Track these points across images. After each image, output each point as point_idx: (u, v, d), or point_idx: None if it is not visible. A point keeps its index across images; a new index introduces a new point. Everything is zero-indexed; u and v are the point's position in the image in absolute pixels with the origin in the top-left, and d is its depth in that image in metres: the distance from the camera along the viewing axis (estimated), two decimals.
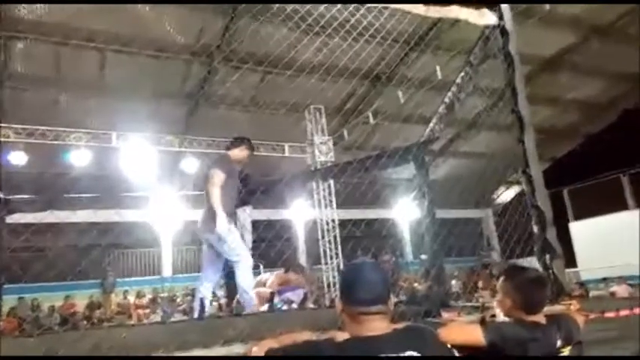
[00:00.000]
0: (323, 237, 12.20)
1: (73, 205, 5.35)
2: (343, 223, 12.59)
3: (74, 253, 11.42)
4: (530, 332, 2.00)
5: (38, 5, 9.02)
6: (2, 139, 10.12)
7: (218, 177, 4.24)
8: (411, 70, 11.59)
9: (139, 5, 9.46)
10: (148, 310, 11.71)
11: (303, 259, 15.85)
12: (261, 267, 8.10)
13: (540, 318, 2.09)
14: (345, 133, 13.16)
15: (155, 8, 9.56)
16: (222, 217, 4.08)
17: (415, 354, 1.58)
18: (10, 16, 9.00)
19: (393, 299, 1.77)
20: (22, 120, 10.30)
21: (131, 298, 12.72)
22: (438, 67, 10.67)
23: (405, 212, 16.44)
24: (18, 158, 10.30)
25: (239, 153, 4.71)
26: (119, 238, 13.39)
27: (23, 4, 8.95)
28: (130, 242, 14.22)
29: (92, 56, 10.23)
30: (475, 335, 1.99)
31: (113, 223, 10.70)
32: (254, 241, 7.62)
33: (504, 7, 4.30)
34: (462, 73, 4.70)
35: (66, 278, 11.59)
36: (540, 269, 3.43)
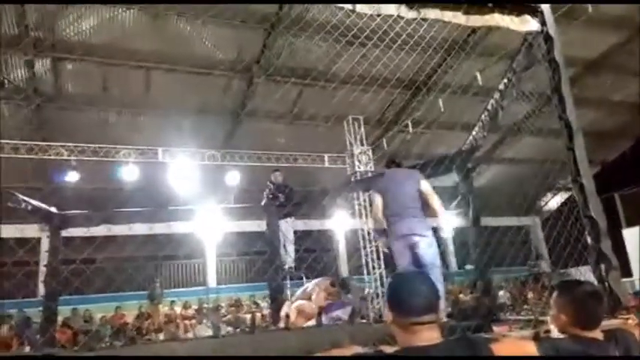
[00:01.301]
0: (364, 247, 12.12)
1: (126, 219, 5.57)
2: None
3: (124, 265, 11.82)
4: (587, 349, 1.94)
5: (85, 27, 9.46)
6: (56, 157, 10.61)
7: None
8: (452, 77, 11.47)
9: (181, 24, 9.79)
10: (194, 321, 11.92)
11: (344, 269, 15.81)
12: (304, 278, 8.15)
13: (597, 334, 2.02)
14: (385, 142, 13.11)
15: (196, 26, 9.87)
16: None
17: None
18: (59, 39, 9.48)
19: (443, 308, 1.76)
20: (74, 139, 10.78)
21: (177, 309, 12.98)
22: (478, 74, 10.52)
23: (447, 221, 16.15)
24: (71, 176, 10.76)
25: None
26: (167, 250, 13.77)
27: (70, 26, 9.40)
28: (176, 254, 14.58)
29: (138, 75, 10.64)
30: (529, 351, 1.95)
31: (161, 236, 11.00)
32: (296, 251, 7.71)
33: (546, 12, 4.22)
34: (505, 80, 4.64)
35: (116, 289, 12.01)
36: (595, 281, 3.32)
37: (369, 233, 12.11)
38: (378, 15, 3.77)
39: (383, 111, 12.78)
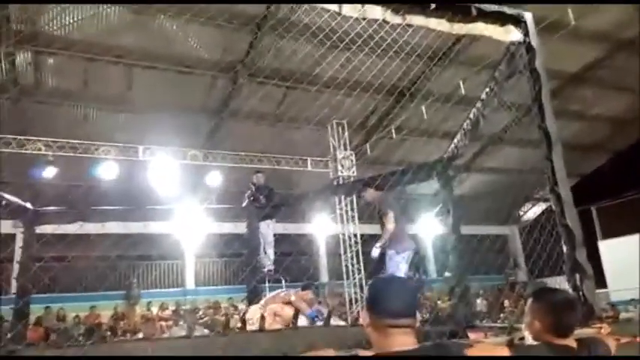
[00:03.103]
0: (345, 252, 12.13)
1: (101, 217, 5.47)
2: (367, 239, 12.53)
3: (100, 264, 11.62)
4: (560, 356, 1.95)
5: (68, 21, 9.31)
6: (33, 152, 10.40)
7: None
8: (435, 85, 11.57)
9: (166, 22, 9.70)
10: (170, 322, 11.77)
11: (324, 274, 15.79)
12: (283, 282, 8.09)
13: (570, 342, 2.03)
14: (368, 148, 13.16)
15: (181, 25, 9.79)
16: None
17: None
18: (41, 32, 9.31)
19: (419, 316, 1.76)
20: (53, 134, 10.58)
21: (154, 310, 12.81)
22: (461, 83, 10.63)
23: (428, 228, 16.26)
24: (48, 172, 10.56)
25: None
26: (144, 250, 13.58)
27: (53, 20, 9.25)
28: (154, 254, 14.39)
29: (120, 72, 10.50)
30: (503, 358, 1.95)
31: (138, 235, 10.84)
32: (275, 253, 7.66)
33: (529, 22, 4.27)
34: (487, 89, 4.68)
35: (92, 289, 11.79)
36: (570, 290, 3.35)
37: (349, 238, 12.14)
38: (364, 18, 3.78)
39: (366, 115, 12.82)
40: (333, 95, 7.75)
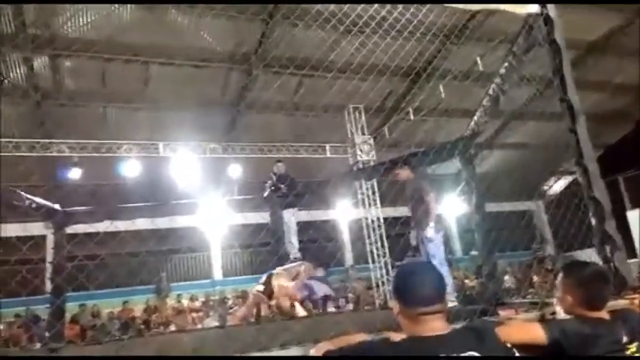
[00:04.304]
0: (369, 236, 12.14)
1: (128, 215, 5.56)
2: (391, 222, 12.50)
3: (130, 260, 11.85)
4: (594, 329, 1.94)
5: (82, 22, 9.42)
6: (57, 154, 10.61)
7: None
8: (452, 63, 11.38)
9: (178, 17, 9.74)
10: (201, 313, 11.99)
11: (349, 258, 15.84)
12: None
13: (604, 314, 2.02)
14: (386, 131, 13.07)
15: (193, 19, 9.81)
16: None
17: (475, 354, 1.56)
18: (57, 35, 9.44)
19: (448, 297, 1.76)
20: (75, 135, 10.78)
21: (185, 302, 13.06)
22: (478, 59, 10.44)
23: (451, 207, 16.15)
24: (74, 173, 10.78)
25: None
26: (172, 244, 13.79)
27: (67, 22, 9.36)
28: (182, 248, 14.62)
29: (136, 69, 10.61)
30: (536, 333, 1.95)
31: (165, 230, 11.01)
32: (300, 242, 7.72)
33: None
34: (506, 64, 4.59)
35: (123, 285, 12.05)
36: (600, 263, 3.31)
37: (372, 222, 12.14)
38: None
39: (383, 99, 12.71)
40: (348, 80, 7.68)
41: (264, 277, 5.77)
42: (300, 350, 2.34)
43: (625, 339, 1.95)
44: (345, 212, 15.27)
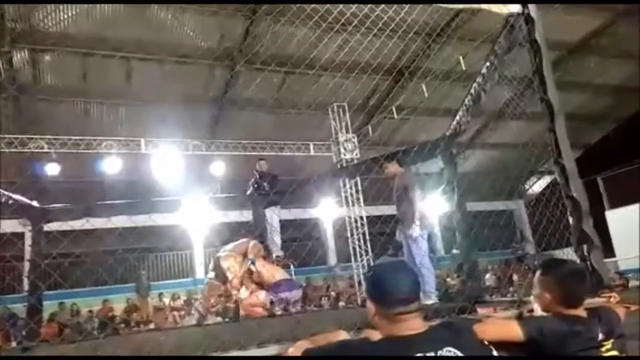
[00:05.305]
0: (352, 235, 12.17)
1: (107, 212, 5.48)
2: (374, 220, 12.53)
3: (110, 259, 11.69)
4: (571, 326, 1.95)
5: (63, 17, 9.25)
6: (36, 150, 10.42)
7: None
8: (434, 62, 11.45)
9: (161, 13, 9.62)
10: (183, 312, 11.90)
11: (332, 257, 15.85)
12: (292, 267, 8.13)
13: (581, 311, 2.03)
14: (370, 129, 13.10)
15: (176, 15, 9.71)
16: None
17: (453, 349, 1.56)
18: (37, 30, 9.26)
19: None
20: (54, 131, 10.59)
21: (166, 301, 12.95)
22: (461, 58, 10.51)
23: (433, 206, 16.25)
24: (52, 169, 10.59)
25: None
26: (153, 242, 13.65)
27: (48, 17, 9.19)
28: (163, 246, 14.48)
29: (118, 65, 10.45)
30: (513, 331, 1.95)
31: (147, 228, 10.87)
32: (284, 241, 7.68)
33: None
34: (487, 63, 4.61)
35: (104, 283, 11.89)
36: (578, 261, 3.34)
37: (355, 220, 12.16)
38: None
39: (367, 97, 12.74)
40: (332, 78, 7.69)
41: (211, 263, 5.53)
42: (278, 349, 2.32)
43: (601, 336, 1.97)
44: (329, 210, 15.27)
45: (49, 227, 4.84)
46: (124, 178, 10.88)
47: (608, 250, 13.93)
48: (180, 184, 10.86)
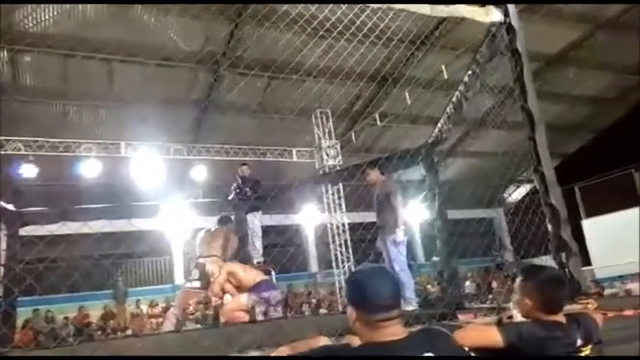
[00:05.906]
0: (334, 241, 12.16)
1: (84, 216, 5.37)
2: (354, 227, 12.55)
3: (87, 264, 11.46)
4: (550, 331, 1.97)
5: (44, 17, 9.11)
6: (13, 152, 10.20)
7: None
8: (418, 70, 11.56)
9: (145, 15, 9.53)
10: (161, 319, 11.71)
11: (314, 263, 15.81)
12: (273, 273, 8.07)
13: (560, 317, 2.05)
14: (353, 136, 13.14)
15: (160, 17, 9.62)
16: None
17: (432, 355, 1.56)
18: (17, 30, 9.10)
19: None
20: (32, 132, 10.39)
21: (144, 307, 12.74)
22: (444, 67, 10.63)
23: (414, 214, 16.35)
24: (29, 171, 10.38)
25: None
26: (131, 247, 13.43)
27: (28, 17, 9.04)
28: (142, 251, 14.26)
29: (99, 66, 10.31)
30: (492, 337, 1.96)
31: (125, 233, 10.72)
32: (265, 247, 7.63)
33: (510, 3, 4.27)
34: (469, 72, 4.67)
35: (79, 289, 11.64)
36: (556, 268, 3.39)
37: (337, 227, 12.17)
38: (345, 2, 3.73)
39: (350, 102, 12.78)
40: (316, 83, 7.68)
41: (196, 272, 5.40)
42: (259, 354, 2.30)
43: (579, 342, 1.99)
44: (311, 217, 15.25)
45: (24, 231, 4.72)
46: (103, 181, 10.71)
47: (585, 258, 14.16)
48: (161, 189, 10.73)
